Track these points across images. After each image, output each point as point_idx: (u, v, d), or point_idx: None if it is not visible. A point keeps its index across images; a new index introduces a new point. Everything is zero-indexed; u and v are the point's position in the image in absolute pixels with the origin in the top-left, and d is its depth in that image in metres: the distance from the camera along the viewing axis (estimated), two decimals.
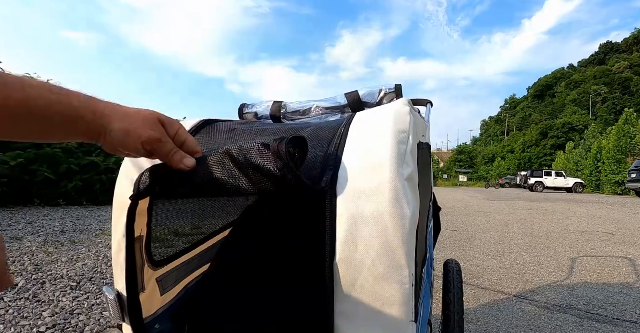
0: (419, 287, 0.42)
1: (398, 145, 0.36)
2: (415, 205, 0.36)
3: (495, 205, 8.55)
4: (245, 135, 0.48)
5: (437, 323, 1.35)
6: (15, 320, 1.47)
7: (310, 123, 0.57)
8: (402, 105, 0.43)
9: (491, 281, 2.26)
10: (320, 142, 0.41)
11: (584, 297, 1.97)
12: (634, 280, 2.33)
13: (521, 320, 1.64)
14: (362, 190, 0.34)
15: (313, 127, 0.46)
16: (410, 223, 0.34)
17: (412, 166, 0.37)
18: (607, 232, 4.29)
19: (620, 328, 1.58)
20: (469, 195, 14.49)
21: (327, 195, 0.35)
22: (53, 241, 2.78)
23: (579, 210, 7.27)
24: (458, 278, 0.97)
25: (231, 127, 0.52)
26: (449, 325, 0.83)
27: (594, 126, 27.39)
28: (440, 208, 0.99)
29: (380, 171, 0.34)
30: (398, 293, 0.33)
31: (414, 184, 0.37)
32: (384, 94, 0.59)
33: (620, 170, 18.11)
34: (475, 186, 36.57)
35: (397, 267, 0.33)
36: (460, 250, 3.18)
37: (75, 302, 1.66)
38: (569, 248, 3.28)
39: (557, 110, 58.90)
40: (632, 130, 18.53)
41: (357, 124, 0.41)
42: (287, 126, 0.53)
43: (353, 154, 0.37)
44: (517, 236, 3.97)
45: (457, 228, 4.50)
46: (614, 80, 55.70)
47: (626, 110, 19.81)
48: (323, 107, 0.61)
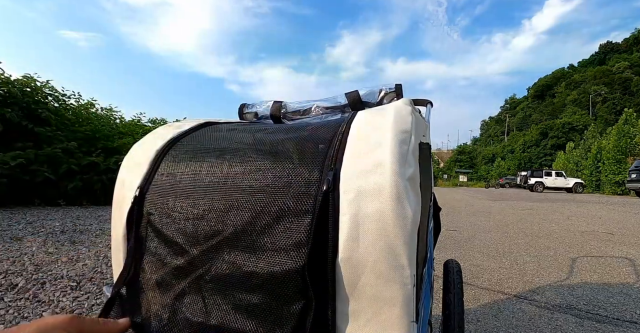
0: (420, 287, 0.42)
1: (400, 145, 0.36)
2: (417, 205, 0.36)
3: (495, 205, 8.55)
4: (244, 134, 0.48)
5: (437, 323, 1.35)
6: (16, 320, 1.47)
7: (311, 122, 0.57)
8: (403, 105, 0.43)
9: (491, 281, 2.26)
10: (320, 141, 0.41)
11: (584, 297, 1.97)
12: (634, 280, 2.32)
13: (521, 320, 1.64)
14: (363, 189, 0.34)
15: (313, 127, 0.46)
16: (412, 223, 0.34)
17: (414, 166, 0.37)
18: (607, 232, 4.29)
19: (620, 328, 1.58)
20: (469, 195, 14.48)
21: (329, 194, 0.35)
22: (53, 241, 2.78)
23: (579, 210, 7.26)
24: (458, 278, 0.96)
25: (231, 128, 0.52)
26: (449, 325, 0.83)
27: (593, 126, 27.38)
28: (440, 208, 0.99)
29: (382, 171, 0.34)
30: (399, 293, 0.33)
31: (416, 184, 0.37)
32: (384, 94, 0.59)
33: (620, 170, 18.11)
34: (475, 186, 36.56)
35: (398, 267, 0.33)
36: (460, 250, 3.18)
37: (75, 302, 1.65)
38: (569, 248, 3.28)
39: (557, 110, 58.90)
40: (632, 130, 18.53)
41: (358, 123, 0.41)
42: (287, 126, 0.53)
43: (354, 154, 0.37)
44: (517, 236, 3.96)
45: (457, 228, 4.50)
46: (614, 80, 55.69)
47: (626, 110, 19.81)
48: (323, 106, 0.61)
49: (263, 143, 0.44)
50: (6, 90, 5.19)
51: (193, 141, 0.50)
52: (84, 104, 7.00)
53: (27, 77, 5.67)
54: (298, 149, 0.41)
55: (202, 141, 0.49)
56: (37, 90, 5.75)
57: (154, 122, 8.74)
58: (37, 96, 5.71)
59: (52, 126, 5.61)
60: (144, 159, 0.49)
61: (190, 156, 0.47)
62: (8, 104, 5.14)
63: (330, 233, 0.34)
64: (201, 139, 0.50)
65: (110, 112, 7.78)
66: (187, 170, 0.45)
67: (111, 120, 7.48)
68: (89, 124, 6.38)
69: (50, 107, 5.83)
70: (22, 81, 5.57)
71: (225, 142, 0.48)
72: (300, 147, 0.41)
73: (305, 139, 0.42)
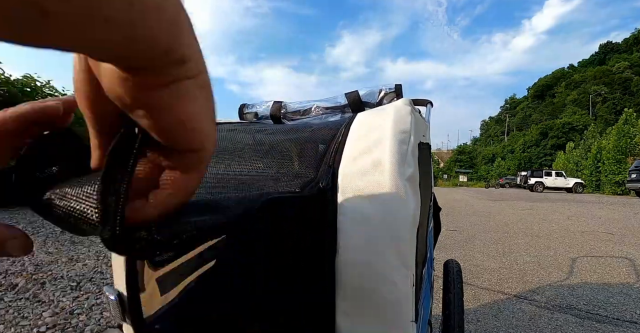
0: (419, 287, 0.42)
1: (399, 145, 0.36)
2: (416, 205, 0.36)
3: (495, 205, 8.55)
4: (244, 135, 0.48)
5: (437, 323, 1.35)
6: (15, 320, 1.47)
7: (311, 123, 0.57)
8: (403, 105, 0.43)
9: (491, 281, 2.26)
10: (320, 141, 0.41)
11: (584, 297, 1.97)
12: (634, 280, 2.32)
13: (521, 320, 1.64)
14: (363, 189, 0.34)
15: (313, 127, 0.46)
16: (412, 223, 0.34)
17: (413, 166, 0.37)
18: (607, 232, 4.29)
19: (620, 328, 1.58)
20: (469, 195, 14.49)
21: (329, 194, 0.35)
22: (53, 241, 2.78)
23: (579, 210, 7.26)
24: (458, 278, 0.97)
25: (231, 128, 0.52)
26: (449, 324, 0.83)
27: (593, 126, 27.39)
28: (440, 208, 0.99)
29: (381, 170, 0.34)
30: (399, 293, 0.33)
31: (415, 184, 0.37)
32: (384, 94, 0.59)
33: (620, 170, 18.11)
34: (475, 186, 36.57)
35: (398, 267, 0.33)
36: (460, 250, 3.18)
37: (75, 302, 1.66)
38: (569, 248, 3.28)
39: (557, 110, 58.93)
40: (632, 130, 18.53)
41: (358, 124, 0.41)
42: (287, 126, 0.53)
43: (353, 153, 0.37)
44: (517, 236, 3.96)
45: (457, 228, 4.50)
46: (614, 80, 55.71)
47: (626, 110, 19.81)
48: (323, 107, 0.61)
49: (262, 143, 0.44)
50: (6, 90, 5.19)
51: None
52: None
53: (27, 77, 5.67)
54: (298, 150, 0.41)
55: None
56: (37, 90, 5.76)
57: None
58: (37, 96, 5.71)
59: None
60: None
61: None
62: (8, 104, 5.13)
63: (330, 233, 0.34)
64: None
65: None
66: None
67: None
68: None
69: None
70: (22, 81, 5.57)
71: (224, 142, 0.48)
72: (300, 147, 0.41)
73: (305, 139, 0.43)
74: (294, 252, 0.36)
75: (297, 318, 0.35)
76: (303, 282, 0.36)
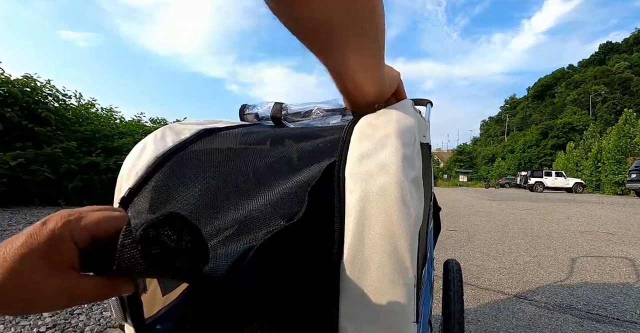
0: (420, 287, 0.43)
1: (403, 147, 0.36)
2: (420, 207, 0.36)
3: (495, 205, 8.55)
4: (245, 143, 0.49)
5: (437, 323, 1.36)
6: (15, 320, 1.47)
7: (313, 126, 0.57)
8: (406, 106, 0.43)
9: (491, 281, 2.26)
10: (324, 144, 0.41)
11: (584, 297, 1.97)
12: (634, 280, 2.33)
13: (521, 320, 1.64)
14: (368, 191, 0.34)
15: (317, 130, 0.46)
16: (416, 225, 0.34)
17: (417, 168, 0.37)
18: (607, 232, 4.29)
19: (620, 328, 1.58)
20: (469, 195, 14.49)
21: (335, 196, 0.35)
22: None
23: (579, 210, 7.27)
24: (458, 278, 0.97)
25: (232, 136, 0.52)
26: (449, 324, 0.83)
27: (593, 126, 27.40)
28: (440, 208, 0.99)
29: (386, 173, 0.34)
30: (402, 294, 0.33)
31: (420, 185, 0.37)
32: None
33: (620, 170, 18.12)
34: (475, 186, 36.57)
35: (402, 269, 0.33)
36: (460, 250, 3.18)
37: None
38: (569, 248, 3.28)
39: (557, 110, 58.92)
40: (632, 130, 18.54)
41: (361, 126, 0.41)
42: (290, 130, 0.54)
43: (359, 156, 0.37)
44: (517, 236, 3.97)
45: (457, 228, 4.50)
46: (614, 80, 55.72)
47: (626, 110, 19.82)
48: (324, 108, 0.61)
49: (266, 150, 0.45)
50: (6, 90, 5.19)
51: (191, 155, 0.50)
52: (84, 104, 7.01)
53: (27, 77, 5.67)
54: (302, 153, 0.41)
55: (200, 157, 0.50)
56: (37, 90, 5.76)
57: (154, 121, 8.75)
58: (37, 96, 5.71)
59: (52, 126, 5.61)
60: (148, 155, 0.50)
61: (188, 168, 0.47)
62: (8, 103, 5.14)
63: (336, 235, 0.34)
64: (199, 154, 0.50)
65: (111, 112, 7.79)
66: (181, 183, 0.45)
67: (111, 120, 7.49)
68: (89, 124, 6.39)
69: (50, 107, 5.83)
70: (22, 81, 5.57)
71: (223, 154, 0.48)
72: (304, 150, 0.41)
73: (309, 142, 0.43)
74: (295, 253, 0.37)
75: (298, 318, 0.35)
76: (305, 282, 0.36)
